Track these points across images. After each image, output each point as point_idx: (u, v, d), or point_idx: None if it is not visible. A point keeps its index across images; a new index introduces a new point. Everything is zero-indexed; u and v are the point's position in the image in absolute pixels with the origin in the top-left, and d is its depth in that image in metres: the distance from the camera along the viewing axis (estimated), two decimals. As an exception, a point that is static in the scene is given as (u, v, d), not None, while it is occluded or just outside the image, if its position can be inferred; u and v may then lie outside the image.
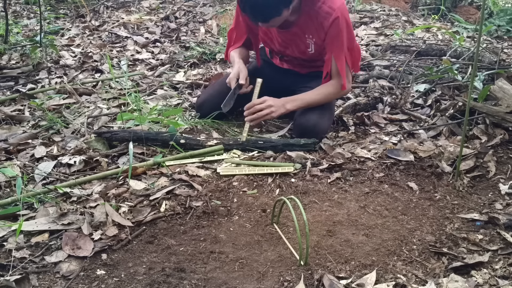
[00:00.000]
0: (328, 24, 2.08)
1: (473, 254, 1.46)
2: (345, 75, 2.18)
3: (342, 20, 2.08)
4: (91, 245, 1.51)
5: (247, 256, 1.49)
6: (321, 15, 2.09)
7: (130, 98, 2.61)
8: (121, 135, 2.16)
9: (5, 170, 1.86)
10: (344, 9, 2.09)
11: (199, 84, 3.05)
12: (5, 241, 1.53)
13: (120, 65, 3.41)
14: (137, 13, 4.99)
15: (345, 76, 2.17)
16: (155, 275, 1.39)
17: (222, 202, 1.76)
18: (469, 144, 2.14)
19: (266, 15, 1.98)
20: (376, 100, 2.66)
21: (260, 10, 1.95)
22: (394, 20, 4.64)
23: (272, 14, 1.97)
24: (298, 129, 2.24)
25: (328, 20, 2.08)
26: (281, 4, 1.95)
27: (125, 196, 1.77)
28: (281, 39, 2.30)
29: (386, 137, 2.27)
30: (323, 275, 1.35)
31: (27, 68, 3.27)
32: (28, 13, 5.13)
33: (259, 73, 2.43)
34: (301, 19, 2.15)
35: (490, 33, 4.19)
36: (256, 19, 2.03)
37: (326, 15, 2.08)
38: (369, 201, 1.79)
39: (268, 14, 1.97)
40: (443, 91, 2.69)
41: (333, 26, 2.08)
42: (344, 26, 2.09)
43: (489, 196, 1.82)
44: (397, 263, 1.44)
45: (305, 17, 2.14)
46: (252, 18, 2.04)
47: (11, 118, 2.50)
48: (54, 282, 1.37)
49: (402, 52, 3.57)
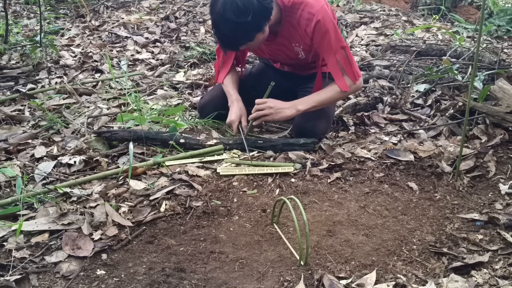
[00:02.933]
0: (311, 29, 2.03)
1: (473, 254, 1.46)
2: (341, 75, 2.10)
3: (324, 22, 2.01)
4: (91, 245, 1.51)
5: (247, 256, 1.49)
6: (303, 23, 2.04)
7: (130, 98, 2.61)
8: (121, 135, 2.16)
9: (5, 170, 1.86)
10: (324, 11, 2.01)
11: (199, 84, 3.05)
12: (5, 241, 1.53)
13: (120, 65, 3.41)
14: (137, 13, 4.99)
15: (340, 77, 2.10)
16: (155, 275, 1.39)
17: (222, 202, 1.76)
18: (469, 144, 2.14)
19: (236, 43, 1.98)
20: (376, 100, 2.66)
21: (228, 41, 1.96)
22: (394, 20, 4.64)
23: (241, 42, 1.96)
24: (298, 130, 2.24)
25: (310, 26, 2.02)
26: (252, 30, 1.91)
27: (125, 196, 1.77)
28: (269, 50, 2.27)
29: (386, 137, 2.26)
30: (323, 275, 1.35)
31: (27, 68, 3.27)
32: (28, 13, 5.14)
33: (263, 76, 2.43)
34: (284, 29, 2.10)
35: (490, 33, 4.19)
36: (225, 47, 2.05)
37: (307, 21, 2.02)
38: (369, 201, 1.79)
39: (237, 42, 1.97)
40: (443, 91, 2.69)
41: (316, 30, 2.02)
42: (329, 27, 2.02)
43: (489, 196, 1.82)
44: (397, 263, 1.44)
45: (288, 27, 2.09)
46: (222, 47, 2.06)
47: (11, 118, 2.50)
48: (54, 282, 1.37)
49: (402, 52, 3.57)
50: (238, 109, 2.20)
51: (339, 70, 2.10)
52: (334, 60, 2.08)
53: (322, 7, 2.02)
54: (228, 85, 2.29)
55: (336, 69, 2.10)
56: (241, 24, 1.85)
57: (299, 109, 2.10)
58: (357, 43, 4.02)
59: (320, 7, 2.02)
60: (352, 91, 2.20)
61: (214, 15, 1.89)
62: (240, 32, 1.89)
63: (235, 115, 2.18)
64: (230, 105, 2.23)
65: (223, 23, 1.86)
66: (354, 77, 2.12)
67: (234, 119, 2.17)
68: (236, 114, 2.18)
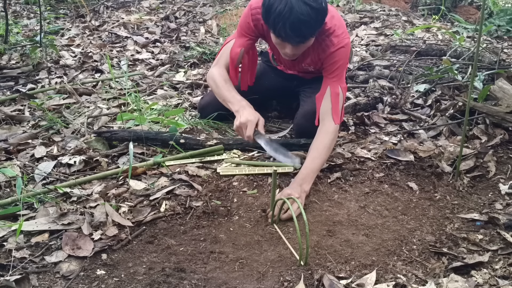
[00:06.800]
0: (325, 55, 1.98)
1: (473, 254, 1.46)
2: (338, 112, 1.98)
3: (339, 53, 1.95)
4: (91, 245, 1.51)
5: (247, 256, 1.49)
6: (322, 48, 1.98)
7: (130, 98, 2.61)
8: (121, 135, 2.16)
9: (5, 170, 1.86)
10: (346, 44, 1.95)
11: (199, 84, 3.05)
12: (5, 241, 1.53)
13: (120, 65, 3.41)
14: (137, 13, 4.99)
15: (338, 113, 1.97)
16: (155, 275, 1.39)
17: (222, 202, 1.76)
18: (469, 144, 2.14)
19: (309, 30, 1.79)
20: (376, 100, 2.66)
21: (302, 27, 1.75)
22: (394, 20, 4.64)
23: (314, 29, 1.82)
24: (298, 130, 2.24)
25: (326, 52, 1.97)
26: (318, 23, 1.81)
27: (125, 196, 1.77)
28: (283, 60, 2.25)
29: (386, 137, 2.26)
30: (323, 275, 1.35)
31: (27, 68, 3.27)
32: (28, 13, 5.14)
33: (264, 77, 2.42)
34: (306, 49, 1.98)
35: (490, 33, 4.19)
36: (294, 38, 1.81)
37: (325, 47, 1.97)
38: (369, 201, 1.79)
39: (311, 30, 1.81)
40: (443, 91, 2.69)
41: (329, 57, 1.96)
42: (341, 59, 1.96)
43: (489, 196, 1.82)
44: (397, 263, 1.44)
45: (309, 48, 1.97)
46: (291, 37, 1.80)
47: (11, 118, 2.50)
48: (54, 282, 1.37)
49: (402, 52, 3.56)
50: (256, 113, 1.92)
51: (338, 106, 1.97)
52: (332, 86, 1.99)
53: (345, 40, 1.96)
54: (232, 90, 2.04)
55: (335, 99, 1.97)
56: (316, 9, 1.75)
57: (306, 190, 1.82)
58: (357, 43, 4.02)
59: (343, 39, 1.96)
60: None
61: (281, 5, 1.73)
62: (314, 18, 1.76)
63: (253, 116, 1.87)
64: (240, 109, 1.92)
65: (299, 7, 1.71)
66: (337, 119, 1.97)
67: (251, 119, 1.85)
68: (254, 115, 1.88)
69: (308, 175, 1.83)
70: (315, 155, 1.88)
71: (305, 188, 1.79)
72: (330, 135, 1.92)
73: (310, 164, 1.86)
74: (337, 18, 1.99)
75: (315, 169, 1.86)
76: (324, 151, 1.90)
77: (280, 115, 2.60)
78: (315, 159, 1.88)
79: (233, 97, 1.99)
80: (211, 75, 2.11)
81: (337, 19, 1.99)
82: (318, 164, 1.88)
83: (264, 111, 2.62)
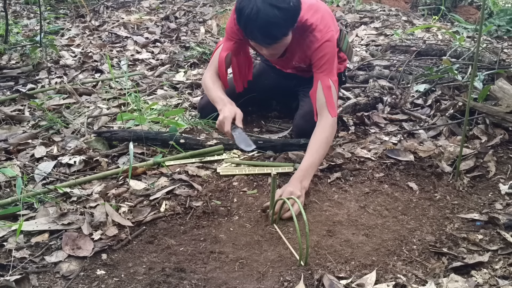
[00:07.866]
0: (310, 52, 1.99)
1: (473, 254, 1.46)
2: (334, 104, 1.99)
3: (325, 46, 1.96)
4: (91, 245, 1.51)
5: (247, 256, 1.49)
6: (306, 45, 2.00)
7: (130, 98, 2.61)
8: (121, 135, 2.16)
9: (5, 170, 1.86)
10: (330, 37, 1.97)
11: (199, 84, 3.05)
12: (5, 241, 1.53)
13: (120, 65, 3.41)
14: (137, 13, 4.99)
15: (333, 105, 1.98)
16: (155, 275, 1.39)
17: (222, 202, 1.76)
18: (469, 144, 2.14)
19: (279, 31, 1.84)
20: (376, 100, 2.66)
21: (272, 27, 1.80)
22: (394, 20, 4.64)
23: (283, 30, 1.85)
24: (298, 130, 2.24)
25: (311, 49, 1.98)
26: (288, 23, 1.84)
27: (125, 196, 1.77)
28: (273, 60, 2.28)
29: (386, 137, 2.26)
30: (323, 275, 1.35)
31: (27, 68, 3.27)
32: (28, 13, 5.14)
33: (264, 77, 2.43)
34: (291, 47, 2.04)
35: (490, 33, 4.19)
36: (265, 40, 1.86)
37: (310, 44, 1.98)
38: (369, 201, 1.79)
39: (281, 30, 1.84)
40: (443, 91, 2.69)
41: (316, 52, 1.98)
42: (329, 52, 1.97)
43: (489, 196, 1.82)
44: (397, 263, 1.44)
45: (294, 46, 2.04)
46: (262, 39, 1.86)
47: (11, 118, 2.50)
48: (54, 282, 1.37)
49: (402, 52, 3.56)
50: (233, 108, 1.93)
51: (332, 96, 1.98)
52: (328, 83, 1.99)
53: (328, 34, 1.98)
54: (218, 90, 2.05)
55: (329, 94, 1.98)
56: (284, 9, 1.78)
57: (306, 186, 1.83)
58: (357, 43, 4.02)
59: (326, 33, 1.97)
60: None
61: (248, 9, 1.78)
62: (282, 18, 1.79)
63: (229, 112, 1.89)
64: (222, 107, 1.94)
65: (265, 10, 1.76)
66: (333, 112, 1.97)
67: (227, 115, 1.87)
68: (231, 111, 1.89)
69: (307, 170, 1.85)
70: (314, 150, 1.89)
71: (305, 184, 1.81)
72: (328, 129, 1.93)
73: (310, 159, 1.87)
74: (321, 13, 2.00)
75: (315, 164, 1.87)
76: (323, 145, 1.90)
77: (280, 115, 2.60)
78: (314, 153, 1.89)
79: (218, 97, 2.02)
80: (203, 80, 2.18)
81: (321, 14, 2.00)
82: (318, 159, 1.89)
83: (264, 111, 2.62)
